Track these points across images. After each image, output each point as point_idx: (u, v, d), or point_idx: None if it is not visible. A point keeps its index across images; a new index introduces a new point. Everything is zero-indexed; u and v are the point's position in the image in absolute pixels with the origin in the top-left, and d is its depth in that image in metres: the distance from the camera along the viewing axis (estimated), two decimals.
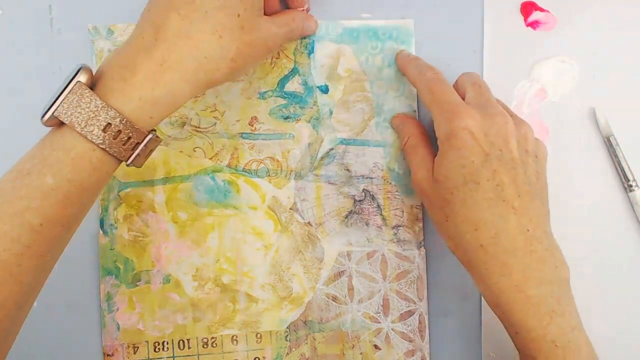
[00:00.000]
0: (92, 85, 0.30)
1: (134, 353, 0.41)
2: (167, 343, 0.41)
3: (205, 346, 0.41)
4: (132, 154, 0.31)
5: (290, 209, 0.42)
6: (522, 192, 0.34)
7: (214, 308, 0.41)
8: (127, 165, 0.32)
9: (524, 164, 0.35)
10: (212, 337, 0.41)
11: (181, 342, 0.41)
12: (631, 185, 0.42)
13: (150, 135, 0.31)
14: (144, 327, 0.41)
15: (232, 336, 0.41)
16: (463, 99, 0.36)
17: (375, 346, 0.42)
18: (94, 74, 0.31)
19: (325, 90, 0.42)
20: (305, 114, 0.42)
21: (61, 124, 0.30)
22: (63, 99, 0.29)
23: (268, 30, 0.35)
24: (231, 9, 0.32)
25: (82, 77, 0.30)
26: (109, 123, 0.30)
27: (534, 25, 0.43)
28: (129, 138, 0.30)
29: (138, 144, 0.31)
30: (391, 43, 0.42)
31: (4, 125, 0.41)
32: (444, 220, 0.35)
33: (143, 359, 0.41)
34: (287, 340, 0.42)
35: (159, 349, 0.41)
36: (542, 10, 0.42)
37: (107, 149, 0.30)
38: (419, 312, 0.42)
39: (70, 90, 0.30)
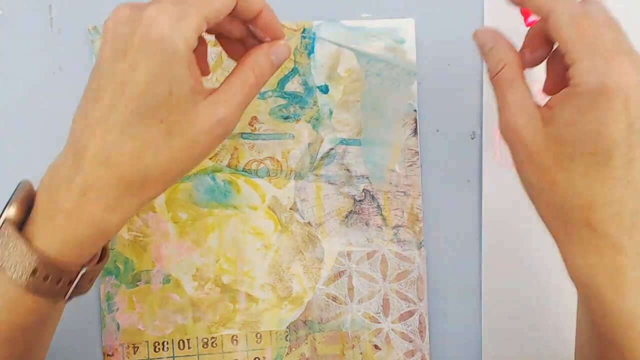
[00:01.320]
0: (25, 216, 0.28)
1: (134, 353, 0.41)
2: (167, 343, 0.41)
3: (205, 346, 0.41)
4: (69, 290, 0.29)
5: (290, 209, 0.42)
6: None
7: (214, 308, 0.41)
8: (66, 301, 0.30)
9: None
10: (212, 337, 0.41)
11: (181, 342, 0.41)
12: None
13: (83, 270, 0.29)
14: (144, 327, 0.41)
15: (232, 336, 0.41)
16: None
17: (375, 346, 0.42)
18: (35, 189, 0.29)
19: (325, 90, 0.42)
20: (305, 114, 0.42)
21: None
22: None
23: (212, 116, 0.28)
24: (151, 118, 0.27)
25: (11, 211, 0.28)
26: (35, 268, 0.27)
27: (533, 25, 0.42)
28: (60, 279, 0.28)
29: (72, 281, 0.29)
30: (391, 43, 0.42)
31: (4, 125, 0.41)
32: (548, 185, 0.29)
33: (143, 359, 0.41)
34: (287, 340, 0.42)
35: (159, 349, 0.41)
36: None
37: (38, 293, 0.28)
38: (419, 312, 0.42)
39: None
